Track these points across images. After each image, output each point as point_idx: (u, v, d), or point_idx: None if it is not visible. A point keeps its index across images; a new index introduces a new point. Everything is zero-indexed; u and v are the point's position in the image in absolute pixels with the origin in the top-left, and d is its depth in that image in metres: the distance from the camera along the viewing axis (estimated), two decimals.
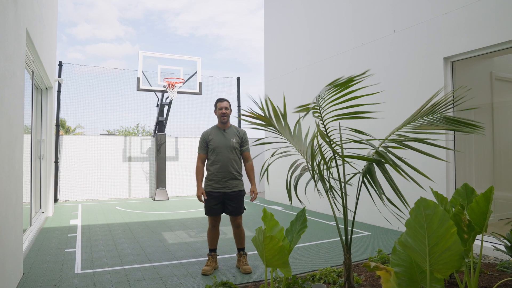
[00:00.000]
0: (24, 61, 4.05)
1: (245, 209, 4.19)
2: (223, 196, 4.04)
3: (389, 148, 2.67)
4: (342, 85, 2.51)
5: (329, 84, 2.53)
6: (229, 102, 4.21)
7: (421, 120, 2.66)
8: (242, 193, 4.15)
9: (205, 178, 4.19)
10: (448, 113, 2.64)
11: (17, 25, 3.63)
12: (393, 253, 2.62)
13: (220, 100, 4.19)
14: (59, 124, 10.32)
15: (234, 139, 4.12)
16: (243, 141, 4.19)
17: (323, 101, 2.64)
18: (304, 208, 3.04)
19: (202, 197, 4.06)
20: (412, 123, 2.67)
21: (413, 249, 2.31)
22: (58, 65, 9.89)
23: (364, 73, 2.50)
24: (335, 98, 2.60)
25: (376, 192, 2.57)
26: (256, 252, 4.62)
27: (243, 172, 4.25)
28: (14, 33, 3.46)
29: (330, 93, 2.60)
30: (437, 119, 2.61)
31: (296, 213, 4.59)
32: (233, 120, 4.51)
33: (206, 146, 4.15)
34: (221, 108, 4.13)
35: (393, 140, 2.67)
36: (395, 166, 2.48)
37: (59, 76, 9.96)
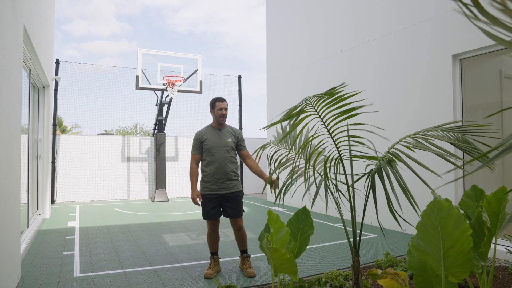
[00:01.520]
0: (22, 59, 3.95)
1: (244, 210, 4.06)
2: (220, 198, 3.91)
3: (399, 149, 2.60)
4: (333, 94, 2.42)
5: (323, 94, 2.44)
6: (227, 103, 4.10)
7: (439, 132, 2.57)
8: (240, 194, 4.02)
9: (201, 180, 4.04)
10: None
11: (15, 22, 3.53)
12: (408, 255, 2.54)
13: (220, 100, 4.02)
14: (56, 124, 10.19)
15: (229, 139, 3.99)
16: (239, 140, 4.07)
17: (316, 104, 2.54)
18: (305, 207, 2.94)
19: (198, 200, 3.95)
20: (421, 133, 2.59)
21: (427, 253, 2.22)
22: (55, 63, 9.76)
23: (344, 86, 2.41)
24: (329, 101, 2.51)
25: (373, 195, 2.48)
26: (259, 254, 4.53)
27: (243, 172, 4.13)
28: (11, 30, 3.36)
29: (321, 98, 2.51)
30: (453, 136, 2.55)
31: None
32: (233, 121, 4.40)
33: (201, 147, 4.00)
34: (221, 109, 3.98)
35: (405, 143, 2.59)
36: (407, 164, 2.40)
37: (56, 74, 9.83)
